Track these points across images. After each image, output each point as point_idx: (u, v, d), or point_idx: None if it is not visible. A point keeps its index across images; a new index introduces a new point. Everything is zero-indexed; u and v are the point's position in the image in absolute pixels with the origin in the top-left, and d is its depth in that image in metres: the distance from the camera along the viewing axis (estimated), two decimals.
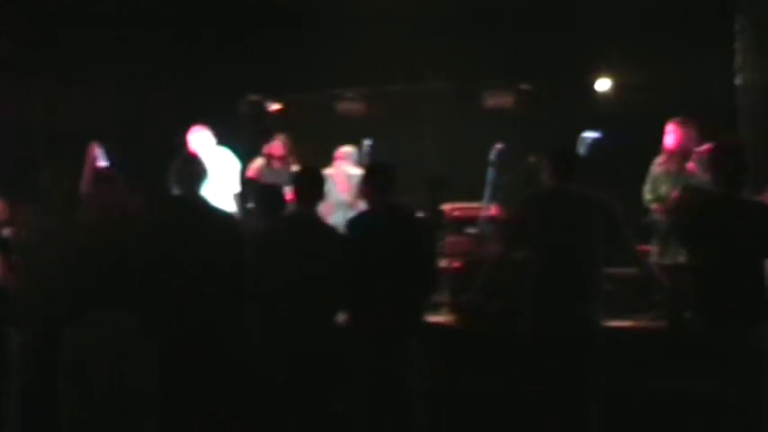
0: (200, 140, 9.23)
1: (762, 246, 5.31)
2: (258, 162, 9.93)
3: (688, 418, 5.59)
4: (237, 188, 9.41)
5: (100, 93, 10.87)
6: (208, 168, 5.95)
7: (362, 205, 6.40)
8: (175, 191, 5.77)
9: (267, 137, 10.37)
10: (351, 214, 7.83)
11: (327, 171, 9.61)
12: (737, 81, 10.31)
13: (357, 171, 9.81)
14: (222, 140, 9.60)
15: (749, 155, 5.42)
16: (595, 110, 11.01)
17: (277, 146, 9.86)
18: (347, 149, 10.07)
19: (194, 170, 5.84)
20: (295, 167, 8.65)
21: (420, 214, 7.89)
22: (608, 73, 11.27)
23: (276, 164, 9.74)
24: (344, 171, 9.86)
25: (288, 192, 6.51)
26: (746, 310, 5.19)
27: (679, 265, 6.66)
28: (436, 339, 6.29)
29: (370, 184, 5.95)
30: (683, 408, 5.79)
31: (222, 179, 8.90)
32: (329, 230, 6.07)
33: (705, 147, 7.12)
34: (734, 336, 5.15)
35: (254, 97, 11.14)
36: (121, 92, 11.04)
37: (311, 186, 5.93)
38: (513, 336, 5.70)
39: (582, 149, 8.14)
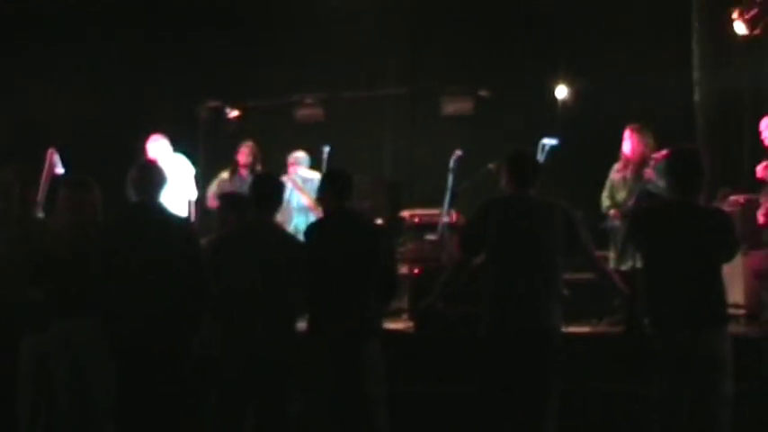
0: (158, 149, 9.21)
1: (716, 252, 5.38)
2: (217, 181, 9.85)
3: (644, 422, 5.65)
4: (193, 194, 9.40)
5: (57, 99, 10.83)
6: (166, 175, 5.95)
7: (321, 210, 6.41)
8: (133, 197, 5.77)
9: (226, 143, 10.37)
10: (311, 218, 7.85)
11: (283, 178, 9.64)
12: (695, 87, 10.46)
13: (311, 175, 9.84)
14: (180, 147, 9.59)
15: (705, 161, 5.48)
16: (554, 116, 11.12)
17: (243, 153, 9.85)
18: (299, 154, 10.07)
19: (152, 177, 5.82)
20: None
21: (379, 220, 7.95)
22: (567, 79, 11.38)
23: (241, 171, 9.74)
24: (300, 176, 9.87)
25: None
26: (698, 316, 5.24)
27: (636, 271, 6.75)
28: (396, 345, 6.32)
29: (328, 191, 5.98)
30: (640, 411, 5.85)
31: (177, 185, 8.88)
32: (287, 236, 6.10)
33: (662, 153, 7.21)
34: (683, 341, 5.20)
35: (212, 103, 11.12)
36: (79, 98, 11.00)
37: (269, 193, 5.94)
38: (474, 341, 5.74)
39: (541, 156, 8.22)
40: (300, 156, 10.05)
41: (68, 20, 11.24)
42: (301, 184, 9.74)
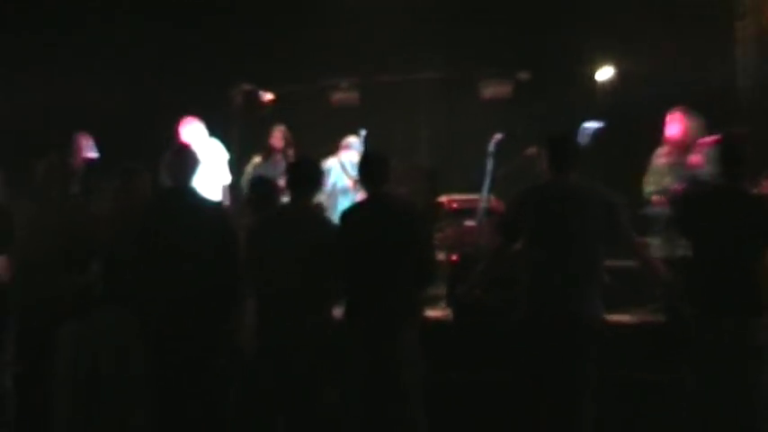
0: (193, 132, 9.21)
1: (763, 239, 5.33)
2: (253, 163, 9.90)
3: (683, 411, 5.62)
4: (227, 179, 9.41)
5: (90, 83, 10.86)
6: (199, 159, 5.95)
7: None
8: (166, 182, 5.78)
9: (260, 127, 10.38)
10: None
11: (331, 160, 9.67)
12: (738, 70, 10.33)
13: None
14: (214, 131, 9.60)
15: (750, 145, 5.43)
16: (596, 99, 11.02)
17: (276, 137, 9.89)
18: (351, 139, 10.03)
19: (186, 161, 5.83)
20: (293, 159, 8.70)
21: (416, 206, 7.90)
22: (609, 61, 11.27)
23: (274, 155, 9.77)
24: (350, 161, 9.84)
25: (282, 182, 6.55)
26: (743, 303, 5.21)
27: (679, 259, 6.68)
28: (433, 333, 6.30)
29: (365, 174, 5.97)
30: (680, 400, 5.81)
31: (212, 170, 8.90)
32: (322, 221, 6.09)
33: (711, 138, 7.12)
34: (726, 328, 5.16)
35: (246, 87, 11.13)
36: (111, 82, 11.03)
37: (305, 178, 5.93)
38: (511, 328, 5.71)
39: (583, 140, 8.14)
40: (353, 140, 10.01)
41: (101, 3, 11.28)
42: (350, 168, 9.70)
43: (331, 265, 5.67)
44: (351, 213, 6.00)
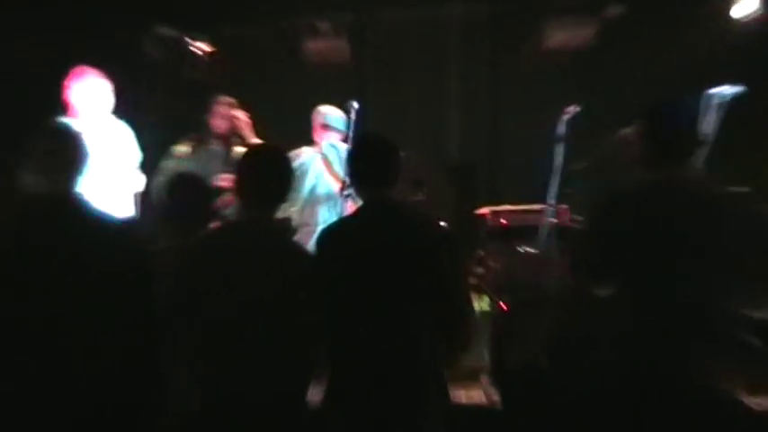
0: (88, 93, 9.02)
1: None
2: (172, 159, 9.87)
3: None
4: (139, 182, 9.39)
5: None
6: (90, 147, 5.92)
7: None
8: (35, 184, 5.75)
9: (192, 100, 10.41)
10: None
11: (306, 151, 9.66)
12: None
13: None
14: (118, 108, 9.55)
15: None
16: (732, 48, 11.01)
17: (217, 115, 9.87)
18: (330, 112, 10.01)
19: (66, 150, 5.80)
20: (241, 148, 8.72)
21: (441, 222, 7.92)
22: None
23: (213, 142, 9.77)
24: (335, 148, 9.84)
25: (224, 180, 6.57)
26: None
27: None
28: (469, 426, 6.31)
29: (359, 172, 5.96)
30: None
31: (114, 167, 8.88)
32: (290, 247, 6.07)
33: None
34: None
35: (167, 32, 11.16)
36: None
37: (264, 178, 5.92)
38: (596, 415, 5.72)
39: (709, 114, 8.14)
40: (333, 115, 9.96)
41: None
42: (335, 163, 9.72)
43: (306, 314, 5.66)
44: (336, 233, 6.00)
